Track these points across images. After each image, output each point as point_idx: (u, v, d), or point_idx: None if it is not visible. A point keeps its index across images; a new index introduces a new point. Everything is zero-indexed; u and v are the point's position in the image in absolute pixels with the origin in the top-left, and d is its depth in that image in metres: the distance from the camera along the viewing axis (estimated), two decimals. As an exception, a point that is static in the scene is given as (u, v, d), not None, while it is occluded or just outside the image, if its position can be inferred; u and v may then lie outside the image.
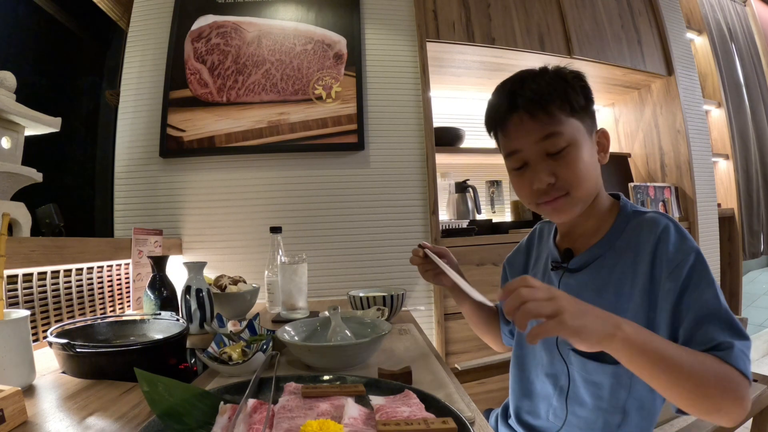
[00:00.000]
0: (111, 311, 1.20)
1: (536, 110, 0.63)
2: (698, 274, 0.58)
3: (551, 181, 0.64)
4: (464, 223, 1.78)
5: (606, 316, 0.50)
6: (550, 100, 0.63)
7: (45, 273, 0.97)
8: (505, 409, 0.87)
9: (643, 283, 0.62)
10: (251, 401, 0.49)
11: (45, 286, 0.97)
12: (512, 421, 0.82)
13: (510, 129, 0.66)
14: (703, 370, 0.50)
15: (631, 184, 2.12)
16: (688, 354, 0.52)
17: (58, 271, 1.01)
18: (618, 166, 2.33)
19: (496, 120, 0.69)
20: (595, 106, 0.70)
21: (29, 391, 0.63)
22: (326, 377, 0.57)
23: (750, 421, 0.80)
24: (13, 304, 0.88)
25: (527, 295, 0.48)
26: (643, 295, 0.62)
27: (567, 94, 0.64)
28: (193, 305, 0.99)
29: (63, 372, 0.71)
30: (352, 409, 0.47)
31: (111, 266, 1.21)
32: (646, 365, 0.50)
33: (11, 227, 0.92)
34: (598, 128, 0.70)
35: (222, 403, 0.49)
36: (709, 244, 2.20)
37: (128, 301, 1.27)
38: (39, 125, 0.96)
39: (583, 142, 0.65)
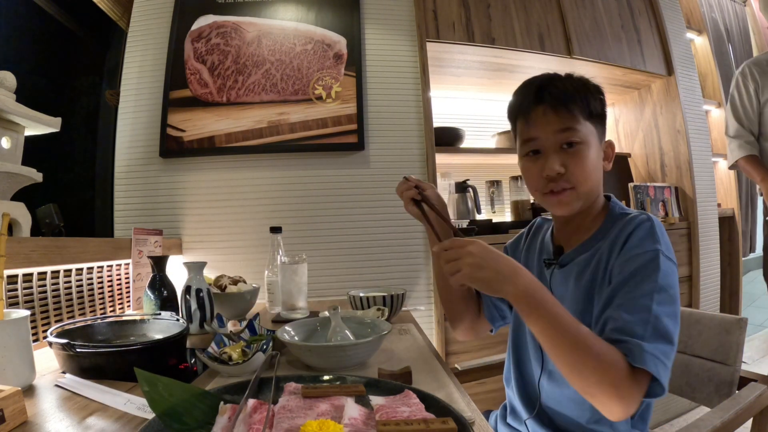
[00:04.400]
0: (111, 311, 1.20)
1: (559, 106, 0.69)
2: (643, 275, 0.59)
3: (561, 170, 0.68)
4: (464, 223, 1.77)
5: (507, 270, 0.58)
6: (573, 101, 0.68)
7: (45, 273, 0.97)
8: (504, 410, 0.87)
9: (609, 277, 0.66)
10: (251, 401, 0.49)
11: (45, 286, 0.97)
12: (510, 420, 0.83)
13: (532, 118, 0.71)
14: (587, 347, 0.54)
15: (631, 184, 2.12)
16: (580, 328, 0.56)
17: (58, 271, 1.01)
18: (618, 166, 2.33)
19: (521, 109, 0.73)
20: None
21: (29, 391, 0.63)
22: (326, 377, 0.57)
23: (750, 421, 0.80)
24: (13, 304, 0.88)
25: (444, 257, 0.60)
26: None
27: (587, 99, 0.69)
28: (193, 305, 0.99)
29: (63, 372, 0.71)
30: (352, 409, 0.47)
31: (111, 266, 1.21)
32: (539, 322, 0.56)
33: (11, 227, 0.92)
34: (606, 139, 0.75)
35: (222, 403, 0.49)
36: (709, 244, 2.19)
37: (128, 301, 1.27)
38: (39, 125, 0.96)
39: (593, 145, 0.70)
